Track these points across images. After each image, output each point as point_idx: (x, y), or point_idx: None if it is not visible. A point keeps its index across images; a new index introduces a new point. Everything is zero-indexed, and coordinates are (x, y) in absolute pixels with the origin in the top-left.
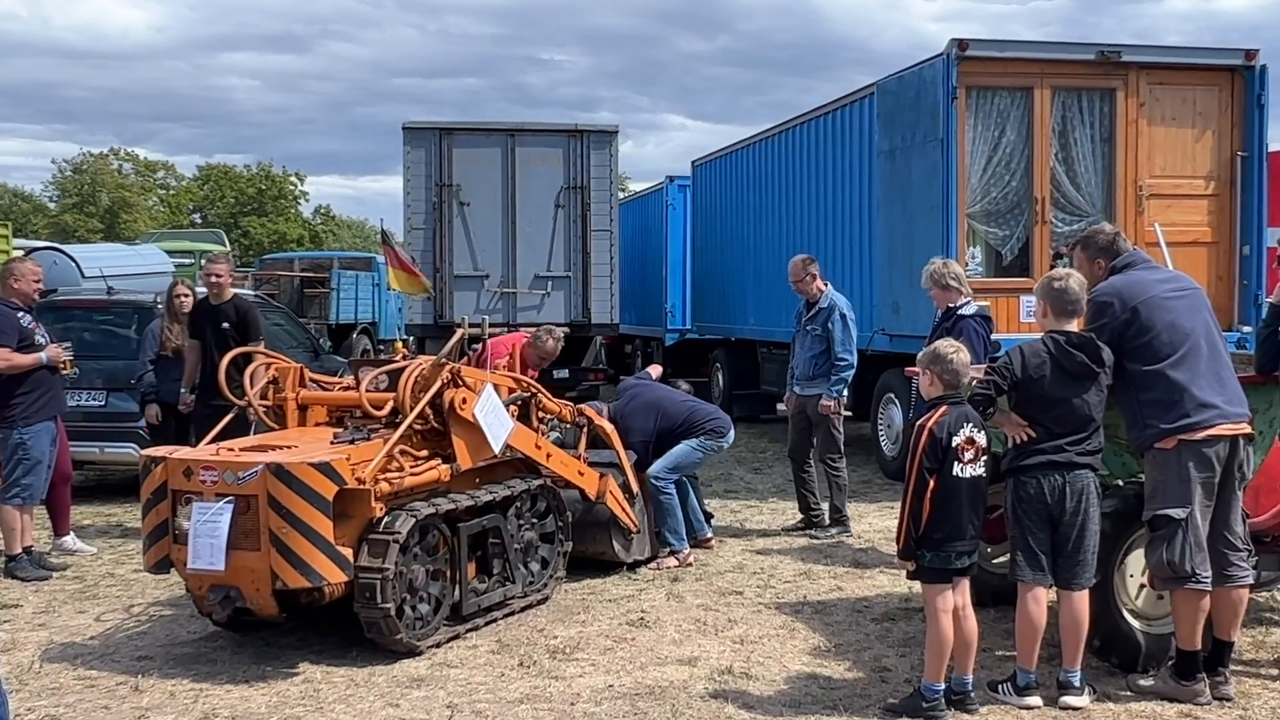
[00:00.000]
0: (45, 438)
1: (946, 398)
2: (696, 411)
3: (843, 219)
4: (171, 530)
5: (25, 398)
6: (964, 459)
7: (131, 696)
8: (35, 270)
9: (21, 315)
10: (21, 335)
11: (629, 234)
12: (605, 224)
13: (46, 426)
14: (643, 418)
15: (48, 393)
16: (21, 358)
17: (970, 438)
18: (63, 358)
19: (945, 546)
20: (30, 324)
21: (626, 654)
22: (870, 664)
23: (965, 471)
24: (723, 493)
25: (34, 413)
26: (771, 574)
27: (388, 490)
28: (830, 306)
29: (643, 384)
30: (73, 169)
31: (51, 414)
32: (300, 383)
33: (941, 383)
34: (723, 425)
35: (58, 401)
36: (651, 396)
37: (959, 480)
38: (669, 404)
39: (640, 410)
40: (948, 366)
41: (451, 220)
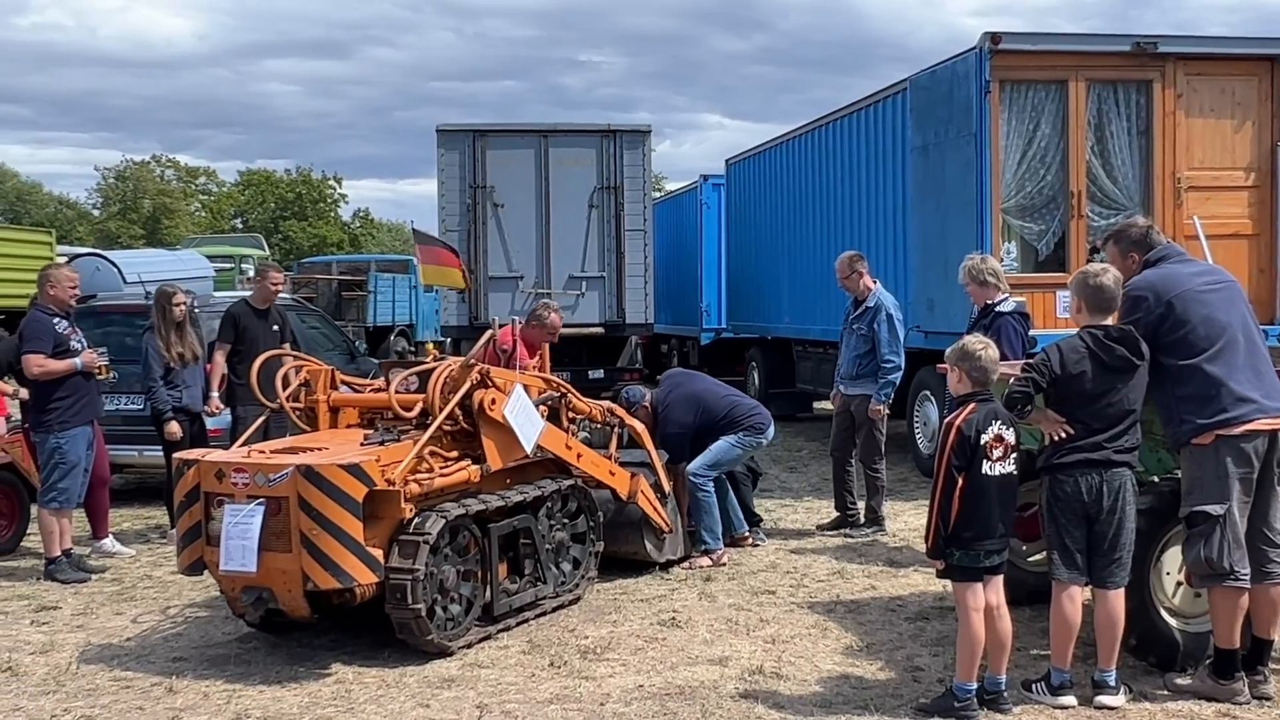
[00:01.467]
0: (81, 442)
1: (975, 395)
2: (738, 406)
3: (876, 216)
4: (205, 532)
5: (61, 403)
6: (993, 456)
7: (166, 697)
8: (72, 276)
9: (57, 321)
10: (57, 341)
11: (664, 233)
12: (639, 224)
13: (83, 431)
14: (683, 410)
15: (83, 398)
16: (56, 363)
17: (999, 435)
18: (98, 363)
19: (974, 545)
20: (66, 330)
21: (657, 654)
22: (903, 664)
23: (994, 469)
24: (758, 491)
25: (70, 418)
26: (805, 573)
27: (417, 491)
28: (877, 306)
29: (685, 375)
30: (116, 176)
31: (87, 419)
32: (331, 385)
33: (970, 380)
34: (763, 421)
35: (94, 406)
36: (693, 389)
37: (988, 478)
38: (710, 397)
39: (681, 402)
40: (976, 363)
41: (486, 222)
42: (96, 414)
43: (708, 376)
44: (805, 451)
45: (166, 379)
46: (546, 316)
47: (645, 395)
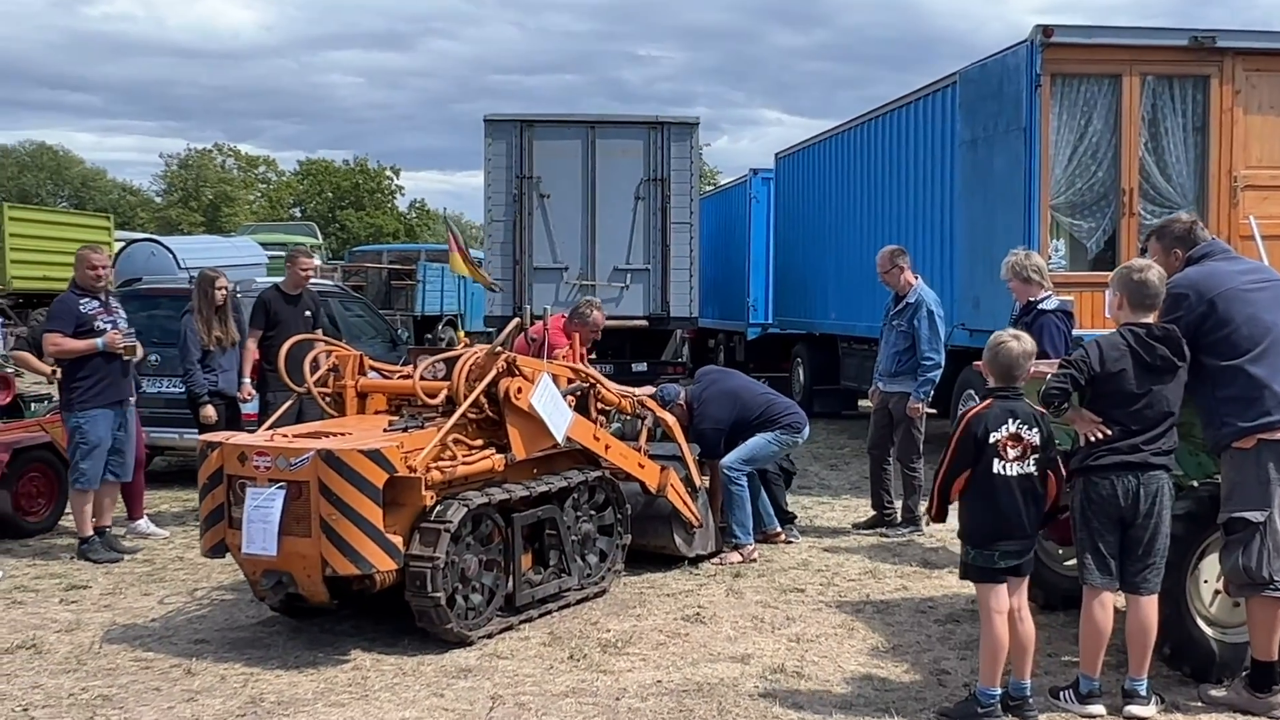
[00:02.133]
0: (102, 424)
1: (997, 390)
2: (774, 404)
3: (924, 211)
4: (227, 514)
5: (83, 383)
6: (1006, 456)
7: (184, 679)
8: (90, 258)
9: (85, 301)
10: (80, 321)
11: (712, 227)
12: (685, 216)
13: (104, 413)
14: (719, 405)
15: (104, 379)
16: (73, 343)
17: (1015, 434)
18: (120, 345)
19: (990, 545)
20: (94, 310)
21: (679, 649)
22: (929, 666)
23: (1010, 469)
24: (796, 488)
25: (90, 398)
26: (836, 572)
27: (440, 479)
28: (918, 302)
29: (721, 372)
30: (179, 164)
31: (111, 400)
32: (360, 370)
33: (993, 373)
34: (799, 420)
35: (118, 388)
36: (730, 385)
37: (1002, 478)
38: (747, 394)
39: (717, 398)
40: (995, 357)
41: (531, 212)
42: (122, 396)
43: (743, 374)
44: (847, 450)
45: (203, 362)
46: (589, 314)
47: (680, 393)
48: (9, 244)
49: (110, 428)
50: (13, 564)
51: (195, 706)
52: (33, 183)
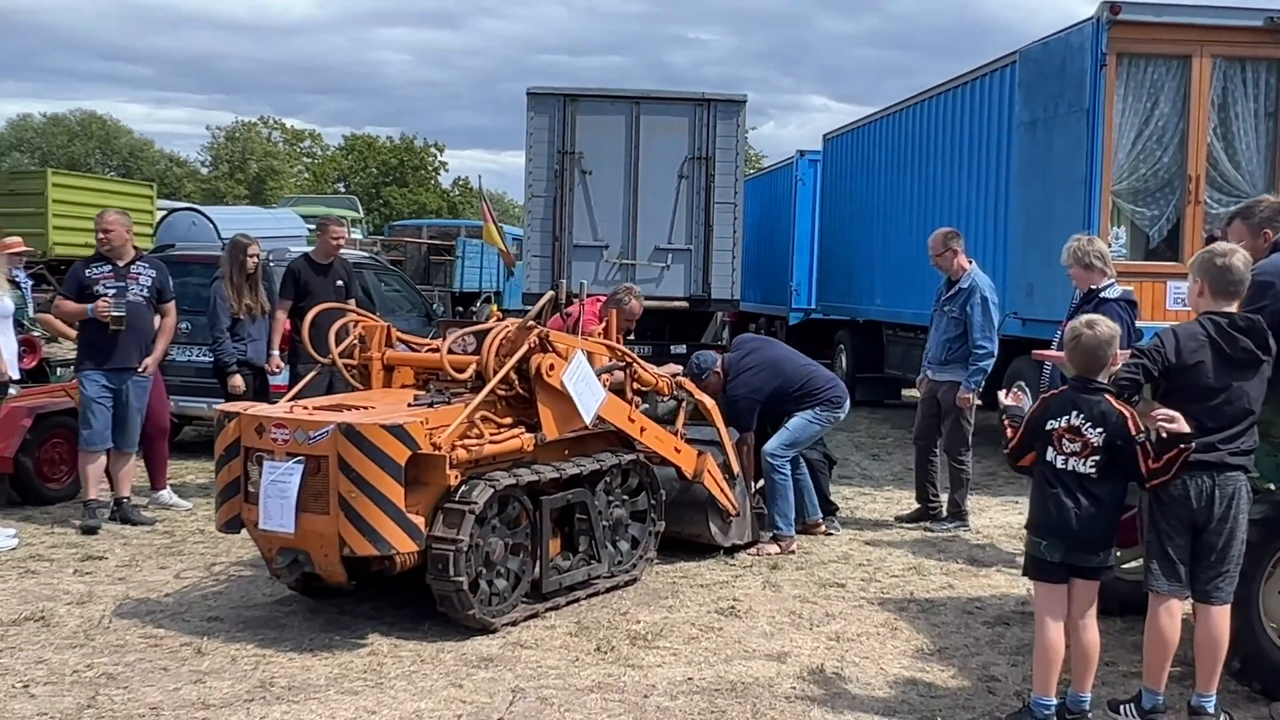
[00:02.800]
0: (93, 385)
1: (1072, 379)
2: (815, 377)
3: (977, 195)
4: (243, 488)
5: (82, 344)
6: (1063, 449)
7: (193, 659)
8: (98, 221)
9: (93, 267)
10: (82, 284)
11: (757, 210)
12: (729, 196)
13: (96, 375)
14: (757, 375)
15: (95, 344)
16: (69, 305)
17: (1074, 427)
18: (105, 315)
19: (1037, 534)
20: (99, 274)
21: (712, 645)
22: (977, 672)
23: (1067, 464)
24: (837, 478)
25: (84, 359)
26: (879, 567)
27: (465, 458)
28: (971, 288)
29: (762, 340)
30: (226, 136)
31: (102, 365)
32: (387, 342)
33: (1074, 363)
34: (840, 394)
35: (110, 354)
36: (771, 355)
37: (1052, 469)
38: (788, 365)
39: (757, 366)
40: (1075, 345)
41: (572, 189)
42: (117, 364)
43: (784, 344)
44: (890, 439)
45: (232, 331)
46: (627, 301)
47: (717, 361)
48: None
49: (104, 391)
50: (32, 531)
51: (202, 689)
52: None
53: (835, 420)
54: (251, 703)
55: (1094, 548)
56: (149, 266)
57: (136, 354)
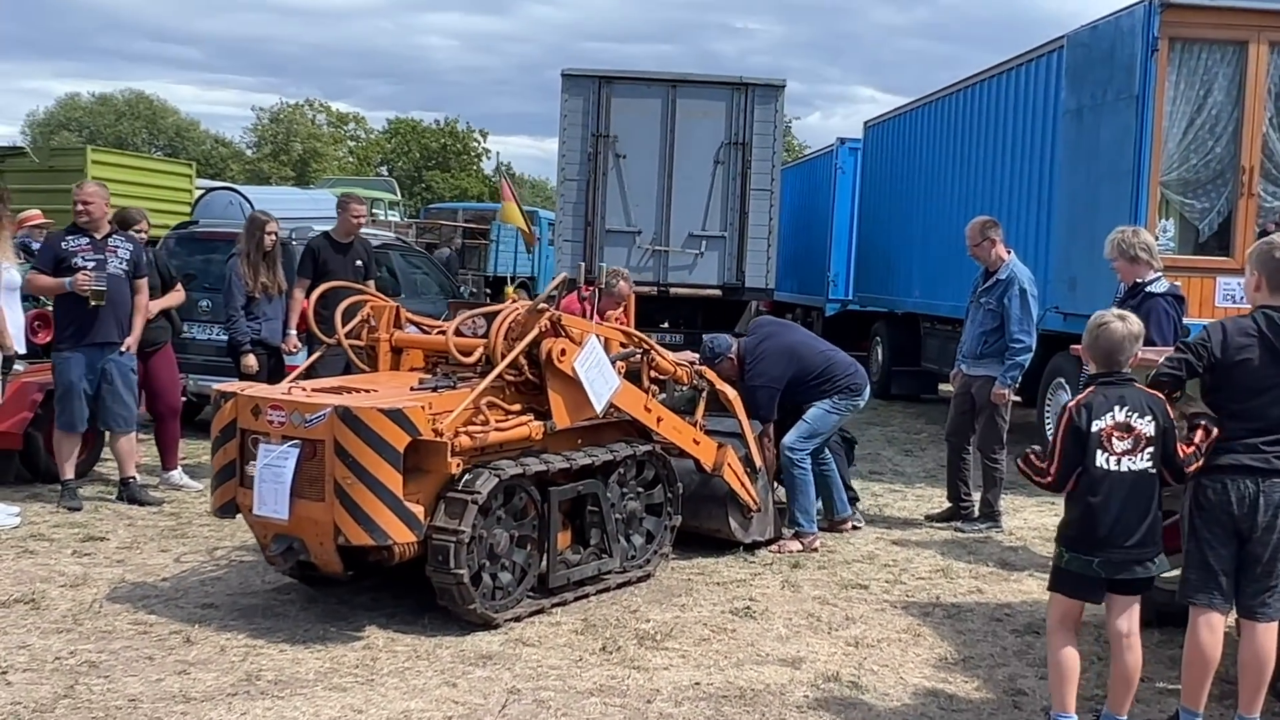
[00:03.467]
0: (73, 366)
1: (1096, 376)
2: (834, 363)
3: (1019, 185)
4: (239, 471)
5: (60, 322)
6: (1113, 449)
7: (180, 648)
8: (78, 194)
9: (69, 239)
10: (59, 258)
11: (795, 198)
12: (766, 183)
13: (76, 356)
14: (775, 362)
15: (75, 321)
16: (44, 280)
17: (1123, 423)
18: (85, 289)
19: (1090, 551)
20: (76, 247)
21: (723, 647)
22: (1004, 684)
23: (1120, 464)
24: (867, 474)
25: (64, 339)
26: (904, 568)
27: (469, 445)
28: (1010, 279)
29: (780, 324)
30: (270, 118)
31: (84, 343)
32: (395, 323)
33: (1093, 357)
34: (859, 381)
35: (92, 331)
36: (788, 340)
37: (1107, 474)
38: (806, 350)
39: (773, 353)
40: (1096, 339)
41: (606, 173)
42: (100, 339)
43: (802, 328)
44: (924, 435)
45: (247, 309)
46: (615, 284)
47: (732, 345)
48: None
49: (85, 371)
50: (36, 510)
51: (186, 680)
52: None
53: (855, 409)
54: (235, 697)
55: (1153, 554)
56: (125, 240)
57: (116, 330)
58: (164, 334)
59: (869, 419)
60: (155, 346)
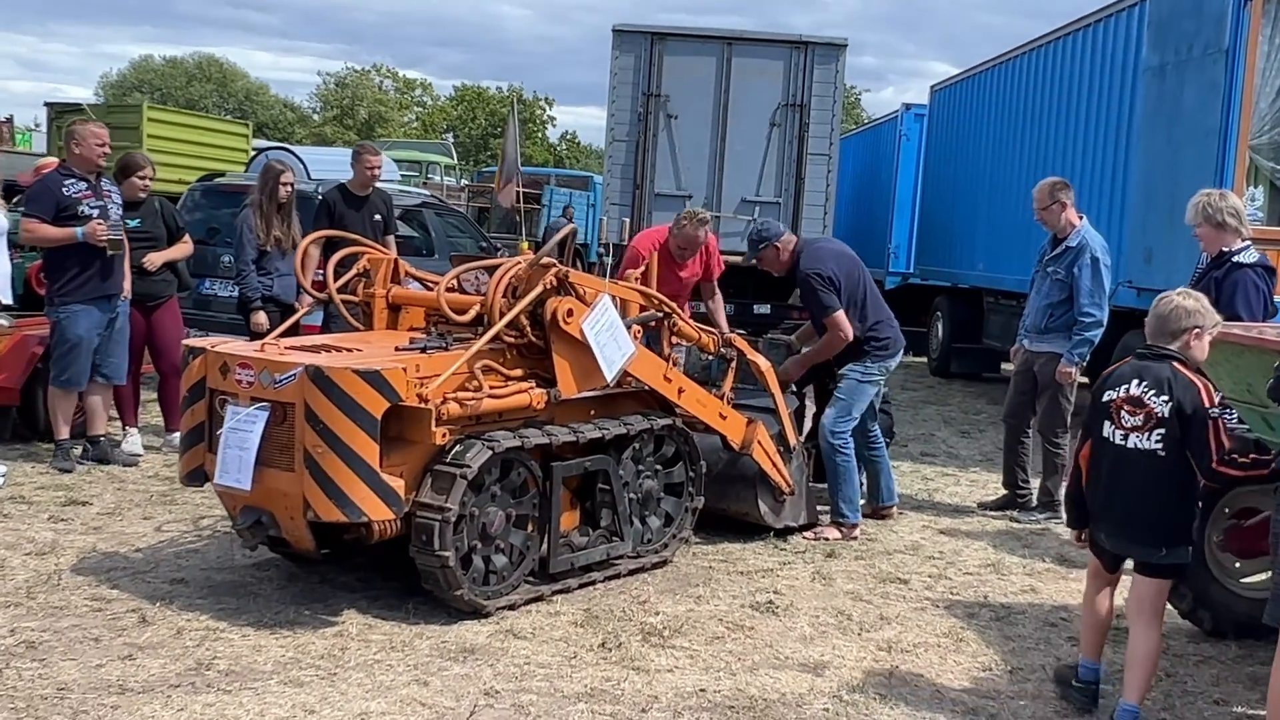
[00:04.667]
0: (83, 320)
1: (1141, 348)
2: (879, 306)
3: (1093, 148)
4: (208, 435)
5: (64, 274)
6: (1119, 421)
7: (133, 629)
8: (99, 133)
9: (71, 183)
10: (63, 204)
11: (857, 166)
12: (824, 147)
13: (86, 309)
14: (834, 258)
15: (86, 272)
16: (50, 230)
17: (1134, 397)
18: (102, 238)
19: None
20: (80, 193)
21: (738, 647)
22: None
23: (1127, 440)
24: (918, 455)
25: (70, 292)
26: (951, 561)
27: (458, 413)
28: (1081, 246)
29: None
30: (336, 82)
31: (94, 295)
32: (394, 278)
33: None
34: (891, 337)
35: (104, 282)
36: (852, 255)
37: (1111, 446)
38: (863, 275)
39: (834, 252)
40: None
41: (657, 134)
42: (110, 291)
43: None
44: (983, 416)
45: (259, 264)
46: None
47: (785, 232)
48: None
49: (94, 325)
50: (25, 470)
51: (128, 667)
52: (199, 94)
53: (887, 371)
54: (177, 689)
55: (1154, 540)
56: (110, 181)
57: (121, 279)
58: (169, 288)
59: (925, 398)
60: (159, 301)
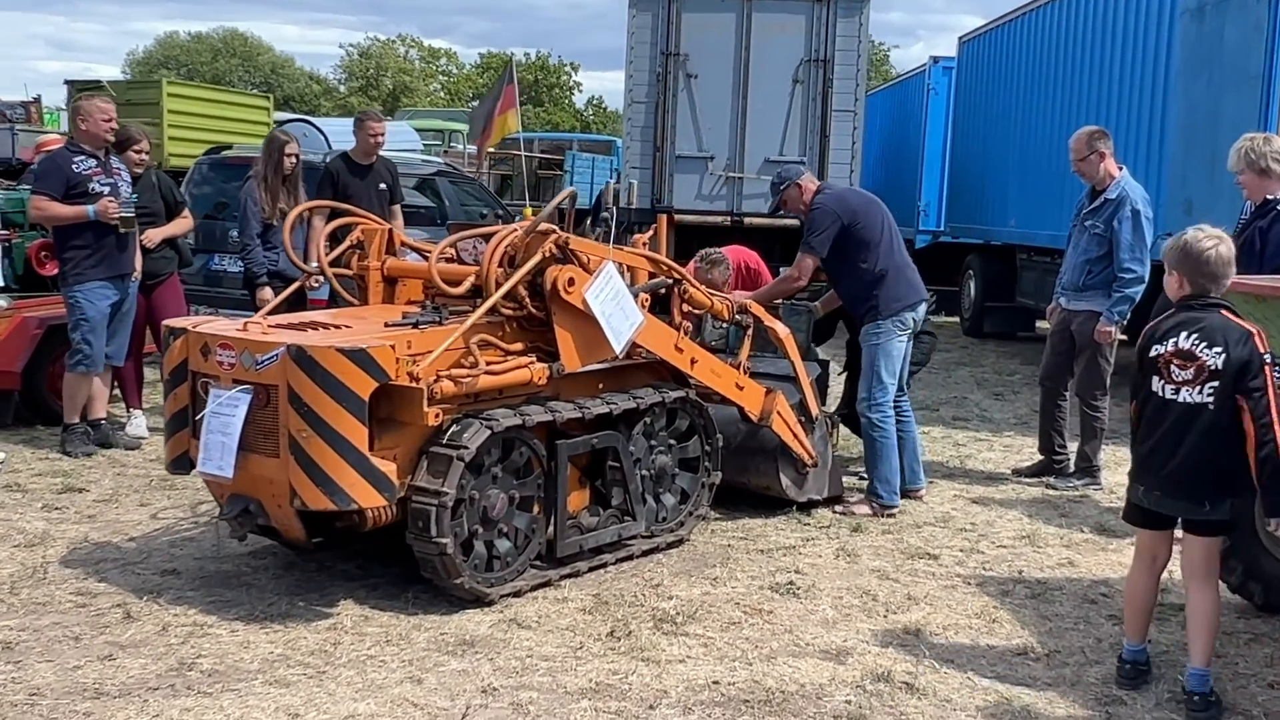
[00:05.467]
0: (99, 299)
1: (1184, 299)
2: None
3: (1129, 96)
4: (191, 420)
5: (76, 253)
6: (1169, 376)
7: (117, 626)
8: (105, 108)
9: (80, 160)
10: (71, 183)
11: (884, 123)
12: (849, 104)
13: (103, 287)
14: (852, 196)
15: (99, 250)
16: (60, 209)
17: (1184, 350)
18: (113, 215)
19: (1136, 479)
20: (90, 170)
21: (755, 633)
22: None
23: (1178, 395)
24: (950, 419)
25: (85, 270)
26: (983, 533)
27: (452, 391)
28: (1121, 198)
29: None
30: (360, 53)
31: (110, 274)
32: (388, 248)
33: (1193, 286)
34: (907, 292)
35: (117, 260)
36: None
37: (1158, 400)
38: (884, 217)
39: (852, 193)
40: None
41: (676, 94)
42: (123, 270)
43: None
44: (1018, 376)
45: (264, 238)
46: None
47: (804, 173)
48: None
49: (108, 303)
50: (25, 456)
51: (107, 668)
52: (225, 68)
53: (907, 326)
54: (155, 691)
55: (1201, 495)
56: (118, 159)
57: (132, 257)
58: (169, 265)
59: (958, 359)
60: (160, 278)
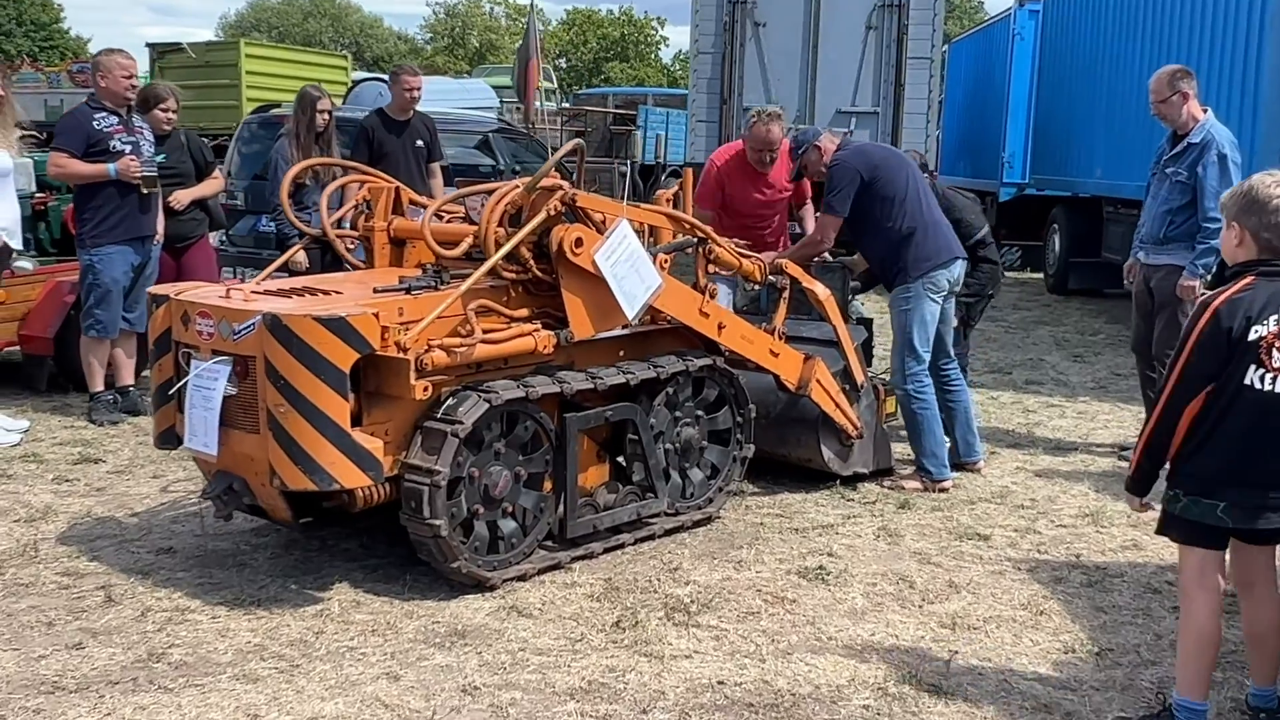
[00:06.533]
0: (118, 263)
1: (1258, 265)
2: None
3: (1222, 35)
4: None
5: (94, 214)
6: (1271, 364)
7: (95, 610)
8: (125, 64)
9: (101, 116)
10: (92, 140)
11: (967, 72)
12: (926, 50)
13: (120, 250)
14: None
15: (119, 211)
16: (80, 166)
17: None
18: (135, 174)
19: (1215, 493)
20: (111, 127)
21: (774, 624)
22: (1150, 689)
23: (1276, 384)
24: (1022, 383)
25: (103, 233)
26: (1043, 511)
27: (445, 362)
28: (1206, 142)
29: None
30: (446, 12)
31: (128, 236)
32: (395, 208)
33: (1258, 243)
34: (938, 251)
35: (137, 222)
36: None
37: (1260, 395)
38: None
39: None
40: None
41: (744, 44)
42: (143, 232)
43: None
44: (1101, 336)
45: (296, 198)
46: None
47: (822, 134)
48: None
49: (127, 268)
50: (50, 425)
51: (72, 658)
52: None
53: (939, 288)
54: (115, 686)
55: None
56: (140, 117)
57: (154, 219)
58: (199, 227)
59: (1039, 317)
60: (189, 241)
